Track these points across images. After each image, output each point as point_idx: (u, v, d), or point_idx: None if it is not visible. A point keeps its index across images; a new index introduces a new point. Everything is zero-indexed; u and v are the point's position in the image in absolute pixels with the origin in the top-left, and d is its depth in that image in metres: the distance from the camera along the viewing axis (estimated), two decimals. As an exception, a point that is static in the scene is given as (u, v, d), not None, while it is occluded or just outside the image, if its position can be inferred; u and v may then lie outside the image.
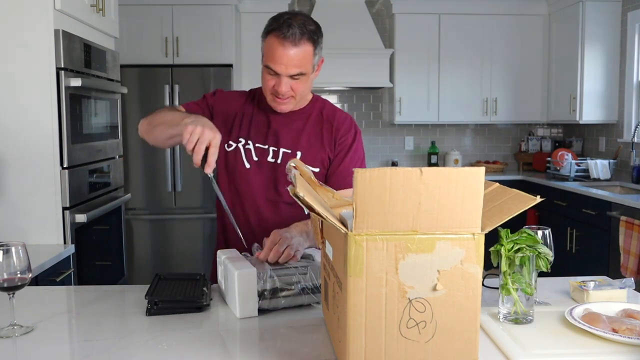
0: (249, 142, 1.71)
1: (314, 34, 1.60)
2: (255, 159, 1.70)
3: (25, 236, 2.26)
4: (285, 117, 1.71)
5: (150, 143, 1.71)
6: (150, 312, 1.33)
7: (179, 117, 1.55)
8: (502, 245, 1.26)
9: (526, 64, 5.06)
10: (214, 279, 1.71)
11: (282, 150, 1.69)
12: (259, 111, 1.74)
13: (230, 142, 1.73)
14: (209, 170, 1.43)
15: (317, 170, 1.69)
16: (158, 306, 1.33)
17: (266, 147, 1.70)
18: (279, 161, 1.68)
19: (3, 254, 1.25)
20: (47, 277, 2.05)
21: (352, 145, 1.73)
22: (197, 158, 1.41)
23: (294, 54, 1.57)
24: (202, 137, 1.40)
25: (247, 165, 1.70)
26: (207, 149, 1.41)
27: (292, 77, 1.60)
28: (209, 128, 1.43)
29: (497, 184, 1.09)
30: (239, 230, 1.51)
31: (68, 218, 2.35)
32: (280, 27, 1.57)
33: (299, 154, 1.69)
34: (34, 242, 2.26)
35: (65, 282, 2.21)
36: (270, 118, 1.72)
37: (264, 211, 1.70)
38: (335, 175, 1.70)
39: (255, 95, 1.79)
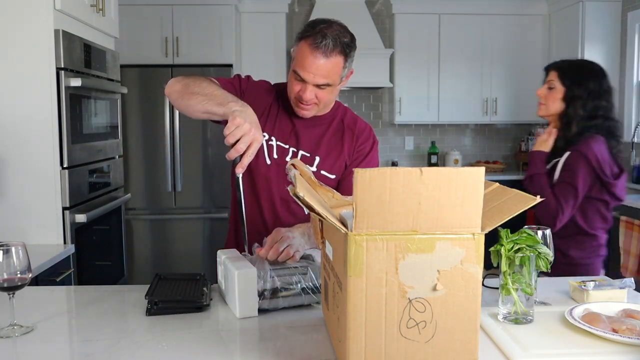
0: (272, 138, 1.71)
1: (347, 47, 1.58)
2: (276, 156, 1.71)
3: (25, 236, 2.26)
4: (307, 120, 1.72)
5: (176, 106, 1.63)
6: (150, 312, 1.33)
7: (223, 96, 1.48)
8: (502, 245, 1.26)
9: (526, 64, 5.06)
10: None
11: (301, 152, 1.71)
12: (283, 110, 1.74)
13: None
14: (240, 171, 1.41)
15: (333, 177, 1.71)
16: (158, 306, 1.33)
17: (287, 146, 1.71)
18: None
19: (3, 254, 1.25)
20: (47, 277, 2.05)
21: (369, 153, 1.75)
22: (234, 155, 1.38)
23: (323, 65, 1.55)
24: (247, 136, 1.36)
25: (268, 162, 1.70)
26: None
27: (318, 86, 1.59)
28: (255, 127, 1.39)
29: (497, 184, 1.09)
30: (245, 235, 1.50)
31: (68, 218, 2.35)
32: (315, 35, 1.55)
33: (317, 158, 1.70)
34: (34, 242, 2.26)
35: (65, 282, 2.21)
36: (293, 119, 1.73)
37: (279, 209, 1.72)
38: (346, 181, 1.72)
39: (281, 93, 1.77)
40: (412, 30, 4.96)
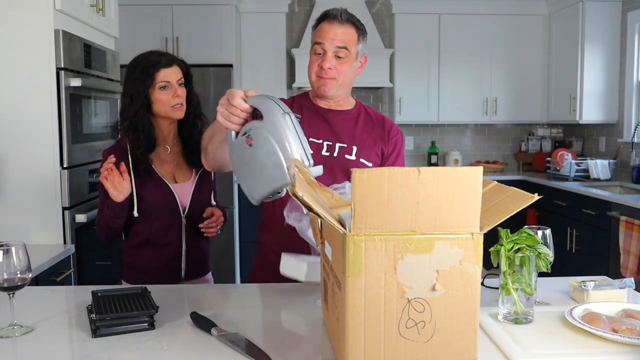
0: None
1: (358, 23, 1.73)
2: (312, 151, 1.70)
3: (25, 236, 2.26)
4: (336, 114, 1.77)
5: (216, 167, 1.70)
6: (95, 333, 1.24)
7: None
8: (502, 245, 1.26)
9: (526, 64, 5.06)
10: (256, 278, 1.76)
11: (337, 145, 1.73)
12: (309, 110, 1.79)
13: None
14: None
15: (371, 165, 1.74)
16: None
17: (320, 141, 1.72)
18: (335, 154, 1.71)
19: (3, 254, 1.25)
20: (47, 277, 2.05)
21: (402, 146, 1.82)
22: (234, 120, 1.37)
23: (340, 31, 1.69)
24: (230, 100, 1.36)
25: None
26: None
27: (336, 55, 1.69)
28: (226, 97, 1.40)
29: (495, 182, 1.09)
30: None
31: (68, 218, 2.35)
32: (329, 12, 1.72)
33: (354, 148, 1.73)
34: (34, 242, 2.26)
35: (65, 282, 2.21)
36: (323, 115, 1.77)
37: None
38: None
39: (301, 98, 1.84)
40: (412, 30, 4.96)
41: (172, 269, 1.89)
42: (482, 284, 1.54)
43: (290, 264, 1.49)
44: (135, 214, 1.82)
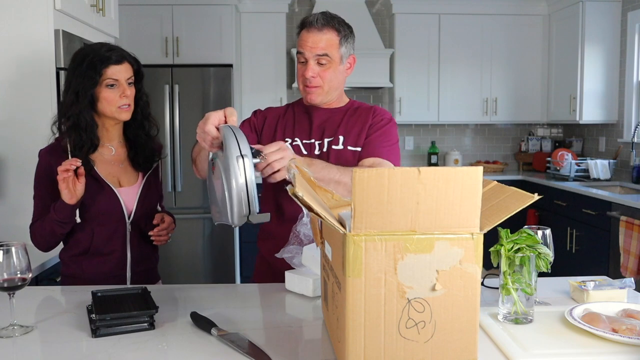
0: (296, 139, 1.77)
1: (339, 25, 1.72)
2: (305, 152, 1.75)
3: (25, 236, 2.25)
4: (325, 112, 1.79)
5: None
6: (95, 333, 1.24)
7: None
8: (502, 245, 1.26)
9: (526, 64, 5.06)
10: (257, 279, 1.79)
11: (325, 140, 1.75)
12: (300, 113, 1.82)
13: None
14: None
15: (359, 149, 1.75)
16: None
17: (312, 141, 1.76)
18: (324, 150, 1.74)
19: (3, 254, 1.25)
20: (47, 277, 2.05)
21: (386, 126, 1.79)
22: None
23: (317, 37, 1.68)
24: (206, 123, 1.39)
25: None
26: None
27: (318, 62, 1.69)
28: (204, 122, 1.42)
29: (495, 182, 1.09)
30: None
31: (68, 218, 2.34)
32: (306, 19, 1.72)
33: (341, 137, 1.75)
34: (34, 242, 2.26)
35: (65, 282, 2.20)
36: (312, 116, 1.79)
37: None
38: (365, 148, 1.74)
39: (295, 104, 1.87)
40: (412, 30, 4.96)
41: (117, 279, 1.77)
42: (482, 284, 1.54)
43: (296, 282, 1.49)
44: (78, 219, 1.70)
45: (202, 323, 1.25)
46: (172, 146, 4.25)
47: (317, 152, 1.75)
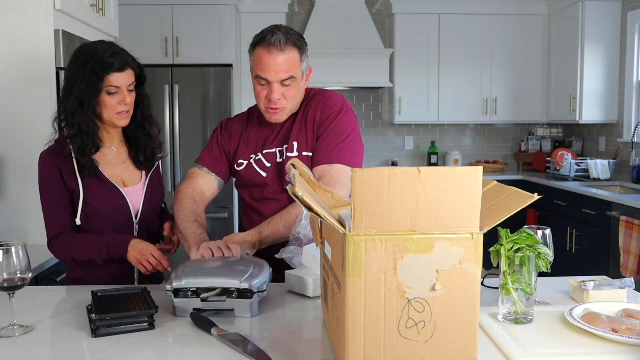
0: (258, 154, 1.78)
1: (298, 41, 1.65)
2: (268, 165, 1.76)
3: (25, 236, 2.26)
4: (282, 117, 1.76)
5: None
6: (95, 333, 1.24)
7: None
8: (502, 245, 1.26)
9: (526, 64, 5.06)
10: None
11: (284, 147, 1.75)
12: (259, 124, 1.81)
13: (241, 161, 1.80)
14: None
15: (311, 154, 1.73)
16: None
17: (273, 150, 1.76)
18: (284, 158, 1.74)
19: (3, 254, 1.25)
20: (47, 277, 2.05)
21: (335, 120, 1.72)
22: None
23: (281, 60, 1.61)
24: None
25: (264, 174, 1.76)
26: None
27: (282, 83, 1.63)
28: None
29: (495, 182, 1.09)
30: None
31: (68, 218, 2.34)
32: (265, 36, 1.62)
33: (295, 144, 1.73)
34: (34, 242, 2.25)
35: (65, 282, 2.20)
36: (272, 126, 1.78)
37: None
38: (316, 153, 1.72)
39: (255, 112, 1.84)
40: (412, 30, 4.96)
41: (124, 281, 1.75)
42: (482, 284, 1.54)
43: (295, 282, 1.50)
44: (78, 221, 1.69)
45: (202, 323, 1.26)
46: (172, 146, 4.24)
47: (278, 160, 1.74)
